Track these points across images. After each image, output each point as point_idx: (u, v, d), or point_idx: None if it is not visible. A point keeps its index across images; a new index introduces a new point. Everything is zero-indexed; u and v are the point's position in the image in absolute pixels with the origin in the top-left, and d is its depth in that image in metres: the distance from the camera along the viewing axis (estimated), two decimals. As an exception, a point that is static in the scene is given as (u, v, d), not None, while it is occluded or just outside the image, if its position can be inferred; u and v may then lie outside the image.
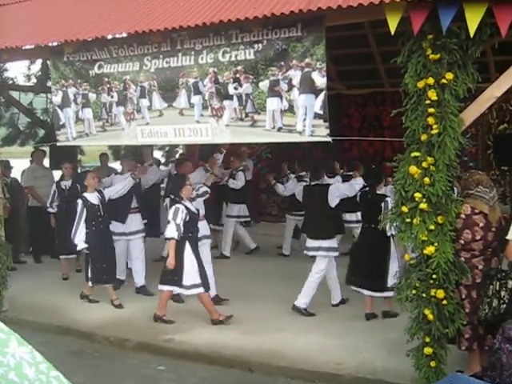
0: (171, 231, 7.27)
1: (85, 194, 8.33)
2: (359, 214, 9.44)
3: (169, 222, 7.34)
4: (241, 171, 11.03)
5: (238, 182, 10.90)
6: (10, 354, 1.13)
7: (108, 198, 8.45)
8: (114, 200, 8.60)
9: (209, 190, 8.18)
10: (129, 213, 9.03)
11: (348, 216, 10.24)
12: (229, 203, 11.36)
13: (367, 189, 7.71)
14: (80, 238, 8.15)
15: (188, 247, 7.39)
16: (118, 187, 8.67)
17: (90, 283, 8.30)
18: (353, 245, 8.42)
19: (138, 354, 6.85)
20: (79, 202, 8.25)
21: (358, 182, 8.11)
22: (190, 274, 7.34)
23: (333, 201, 7.73)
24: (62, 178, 10.36)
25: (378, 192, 7.37)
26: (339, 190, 7.86)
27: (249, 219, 11.84)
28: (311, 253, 7.89)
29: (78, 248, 8.26)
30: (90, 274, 8.23)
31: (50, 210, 10.22)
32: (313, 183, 8.20)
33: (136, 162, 9.37)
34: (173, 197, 7.71)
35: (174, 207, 7.37)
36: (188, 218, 7.34)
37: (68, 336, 7.35)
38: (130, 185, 8.72)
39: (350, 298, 7.96)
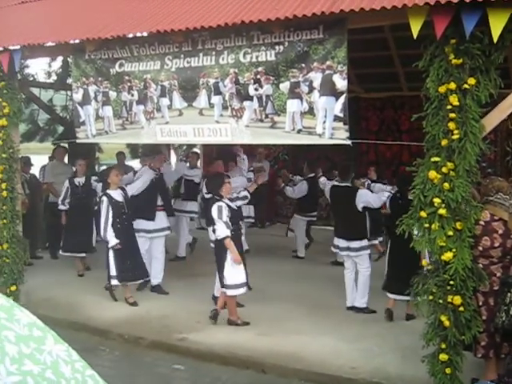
0: (222, 230, 7.23)
1: (108, 191, 8.31)
2: None
3: (214, 223, 7.30)
4: (250, 171, 11.02)
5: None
6: (46, 352, 1.14)
7: (130, 195, 8.49)
8: (139, 197, 8.65)
9: (249, 196, 8.09)
10: (156, 210, 9.04)
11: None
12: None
13: (398, 194, 7.67)
14: (111, 234, 8.14)
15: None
16: (139, 183, 8.71)
17: (115, 281, 8.27)
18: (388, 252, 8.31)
19: (153, 352, 6.87)
20: (104, 199, 8.22)
21: (385, 195, 7.95)
22: (232, 274, 7.29)
23: (358, 205, 7.77)
24: (75, 174, 10.37)
25: (409, 197, 7.26)
26: (367, 197, 7.85)
27: (253, 221, 11.87)
28: (343, 252, 7.95)
29: (111, 244, 8.16)
30: (115, 272, 8.20)
31: (62, 207, 10.17)
32: (342, 184, 8.16)
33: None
34: (213, 195, 7.66)
35: (216, 206, 7.28)
36: (230, 215, 7.33)
37: (83, 332, 7.38)
38: (150, 177, 8.75)
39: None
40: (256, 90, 6.18)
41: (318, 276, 7.89)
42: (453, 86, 4.95)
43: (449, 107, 4.99)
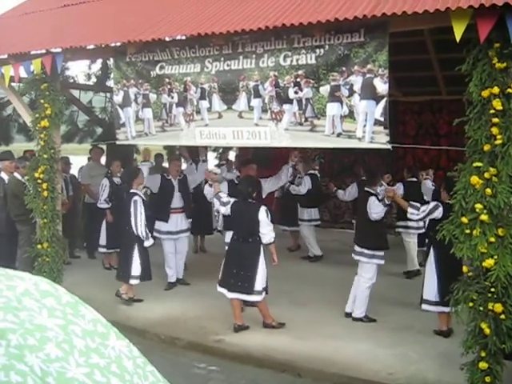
0: (273, 234, 7.21)
1: (137, 191, 8.35)
2: (408, 221, 9.37)
3: (261, 227, 7.16)
4: (307, 175, 11.01)
5: (300, 188, 10.90)
6: (110, 347, 1.17)
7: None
8: (156, 199, 8.89)
9: None
10: (170, 212, 9.15)
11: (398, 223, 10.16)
12: (299, 207, 11.43)
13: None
14: (149, 235, 8.25)
15: (262, 251, 7.27)
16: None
17: (136, 281, 8.34)
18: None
19: (189, 352, 6.91)
20: (138, 198, 8.21)
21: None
22: (261, 279, 7.22)
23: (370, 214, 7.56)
24: (112, 174, 10.39)
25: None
26: (369, 204, 7.56)
27: (319, 222, 11.80)
28: (355, 257, 7.82)
29: (147, 245, 8.24)
30: (137, 273, 8.24)
31: (104, 205, 10.19)
32: (365, 189, 8.02)
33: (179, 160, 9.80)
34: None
35: (264, 210, 7.16)
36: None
37: (121, 332, 7.43)
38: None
39: (400, 309, 7.87)
40: (296, 93, 6.18)
41: (351, 280, 7.81)
42: (496, 90, 4.89)
43: (492, 112, 4.92)
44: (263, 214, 7.13)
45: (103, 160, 12.18)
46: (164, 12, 7.54)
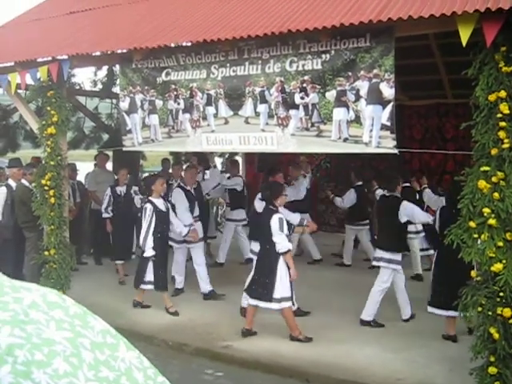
0: (286, 244, 7.03)
1: (152, 199, 8.28)
2: (418, 225, 9.38)
3: (272, 235, 7.04)
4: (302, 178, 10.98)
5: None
6: (120, 359, 1.15)
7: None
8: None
9: None
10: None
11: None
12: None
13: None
14: (150, 244, 8.09)
15: (281, 258, 7.13)
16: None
17: (149, 287, 8.32)
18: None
19: (196, 359, 6.91)
20: (148, 206, 8.17)
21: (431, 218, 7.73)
22: (282, 287, 7.08)
23: (401, 217, 7.61)
24: (117, 183, 10.45)
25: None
26: (413, 210, 7.60)
27: None
28: (374, 262, 7.85)
29: (146, 255, 8.15)
30: (151, 278, 8.21)
31: (106, 215, 10.35)
32: (388, 194, 8.05)
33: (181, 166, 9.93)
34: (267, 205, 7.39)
35: (277, 218, 7.02)
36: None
37: (127, 338, 7.38)
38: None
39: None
40: (302, 98, 6.18)
41: (361, 284, 7.81)
42: (503, 94, 4.88)
43: (499, 116, 4.91)
44: (275, 222, 7.00)
45: (109, 166, 12.21)
46: (170, 19, 7.56)
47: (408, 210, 7.57)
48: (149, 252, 8.13)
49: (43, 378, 1.00)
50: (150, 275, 8.24)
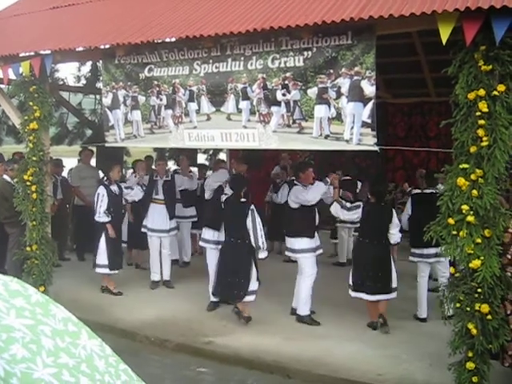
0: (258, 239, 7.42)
1: (107, 184, 9.15)
2: None
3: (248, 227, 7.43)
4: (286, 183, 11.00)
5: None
6: (81, 346, 1.17)
7: None
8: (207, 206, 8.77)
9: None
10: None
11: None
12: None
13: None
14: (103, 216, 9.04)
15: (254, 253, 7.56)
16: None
17: (105, 270, 9.07)
18: None
19: (178, 354, 6.92)
20: (102, 191, 9.04)
21: None
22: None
23: None
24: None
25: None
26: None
27: None
28: (430, 259, 7.90)
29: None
30: (106, 261, 8.96)
31: (105, 218, 9.12)
32: (427, 191, 7.98)
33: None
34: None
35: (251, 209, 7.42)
36: None
37: (109, 334, 7.40)
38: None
39: (394, 310, 7.90)
40: (284, 95, 6.20)
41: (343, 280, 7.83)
42: (482, 92, 4.92)
43: (478, 114, 4.95)
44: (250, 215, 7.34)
45: (93, 162, 12.18)
46: (153, 15, 7.53)
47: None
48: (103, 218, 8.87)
49: (0, 362, 1.02)
50: (103, 258, 8.82)
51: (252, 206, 7.42)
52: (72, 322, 1.23)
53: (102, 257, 8.88)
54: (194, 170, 11.47)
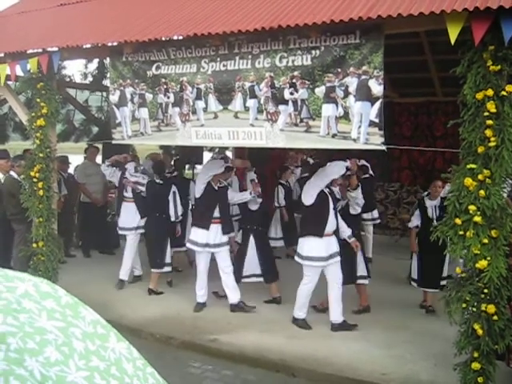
0: None
1: None
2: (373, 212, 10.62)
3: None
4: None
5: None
6: (110, 349, 1.17)
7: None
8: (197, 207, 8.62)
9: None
10: (211, 222, 8.16)
11: (365, 215, 10.30)
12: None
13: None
14: None
15: None
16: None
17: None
18: None
19: (184, 352, 6.93)
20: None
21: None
22: None
23: None
24: None
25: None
26: None
27: None
28: None
29: None
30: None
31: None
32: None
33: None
34: None
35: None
36: None
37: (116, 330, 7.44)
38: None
39: (396, 310, 7.90)
40: (291, 94, 6.19)
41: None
42: (490, 92, 4.91)
43: (486, 114, 4.94)
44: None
45: (99, 159, 12.19)
46: (161, 12, 7.54)
47: None
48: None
49: (35, 365, 1.02)
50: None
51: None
52: (101, 325, 1.24)
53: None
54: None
